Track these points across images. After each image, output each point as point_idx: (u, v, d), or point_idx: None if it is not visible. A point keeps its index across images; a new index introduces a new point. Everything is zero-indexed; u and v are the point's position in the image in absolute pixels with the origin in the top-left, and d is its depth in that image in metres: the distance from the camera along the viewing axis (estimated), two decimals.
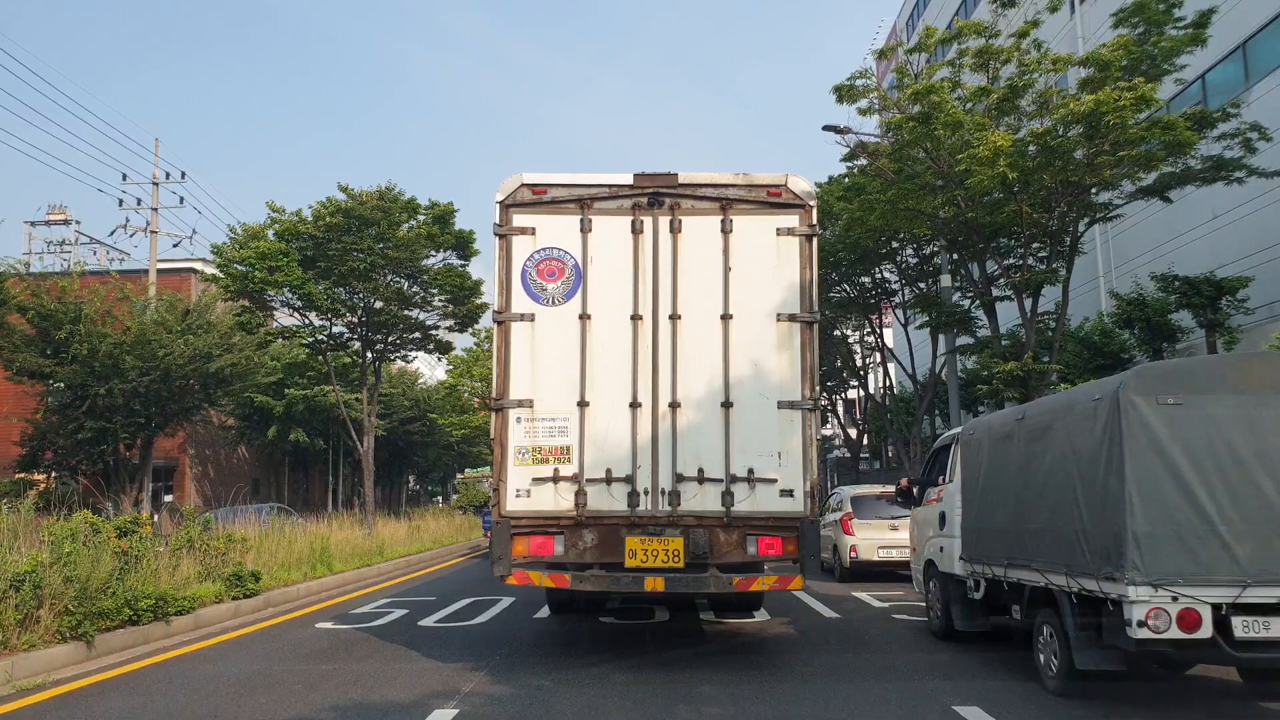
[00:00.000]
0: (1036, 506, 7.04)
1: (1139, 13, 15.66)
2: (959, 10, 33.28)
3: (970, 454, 8.59)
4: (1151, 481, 5.73)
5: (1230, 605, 5.60)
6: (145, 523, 12.11)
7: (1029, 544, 7.11)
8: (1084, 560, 6.20)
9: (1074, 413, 6.59)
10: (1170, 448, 5.76)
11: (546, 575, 7.86)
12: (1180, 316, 19.30)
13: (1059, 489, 6.67)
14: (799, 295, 7.90)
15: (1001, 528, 7.71)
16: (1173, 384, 5.90)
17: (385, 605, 12.51)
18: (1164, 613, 5.58)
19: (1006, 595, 7.86)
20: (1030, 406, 7.76)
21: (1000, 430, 7.95)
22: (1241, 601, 5.58)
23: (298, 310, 25.45)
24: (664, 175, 8.07)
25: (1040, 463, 7.03)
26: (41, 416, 24.43)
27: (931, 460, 10.37)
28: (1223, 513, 5.67)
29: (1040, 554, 6.89)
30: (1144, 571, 5.61)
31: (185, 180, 32.06)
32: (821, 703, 6.45)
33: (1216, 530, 5.65)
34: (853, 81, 17.73)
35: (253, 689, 7.20)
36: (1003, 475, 7.76)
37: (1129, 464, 5.77)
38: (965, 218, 17.51)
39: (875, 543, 14.65)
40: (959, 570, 8.63)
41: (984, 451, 8.23)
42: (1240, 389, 5.86)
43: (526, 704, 6.54)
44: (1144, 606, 5.59)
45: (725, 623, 10.25)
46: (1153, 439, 5.78)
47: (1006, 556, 7.52)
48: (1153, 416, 5.80)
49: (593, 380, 7.84)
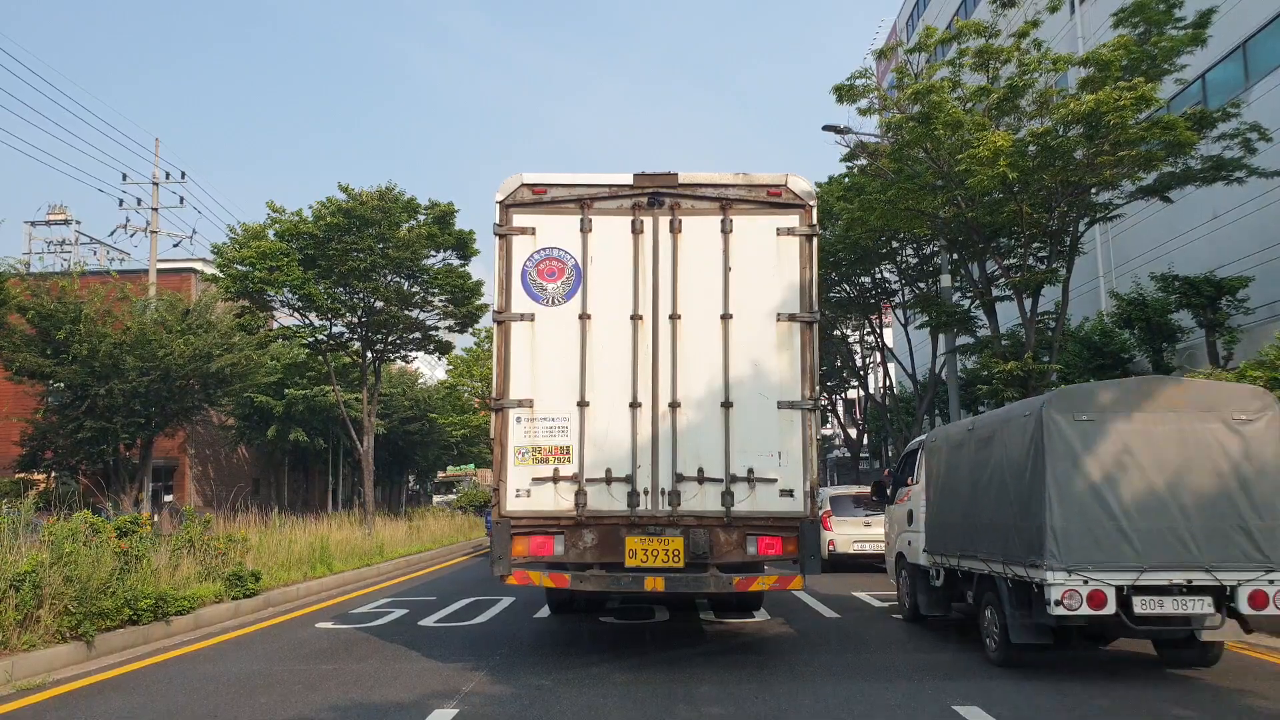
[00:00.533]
0: (982, 505, 8.15)
1: (1139, 13, 15.65)
2: (959, 10, 33.27)
3: (932, 458, 9.72)
4: (1067, 484, 6.90)
5: (1130, 587, 6.74)
6: (145, 523, 12.12)
7: (976, 537, 8.21)
8: (1016, 550, 7.35)
9: (1010, 425, 7.76)
10: (1083, 456, 6.94)
11: (546, 575, 7.86)
12: (1180, 316, 19.29)
13: (998, 490, 7.84)
14: (799, 295, 7.90)
15: (956, 523, 8.79)
16: (1086, 404, 7.14)
17: (385, 605, 12.51)
18: (1077, 593, 6.71)
19: (961, 582, 8.90)
20: (979, 419, 8.89)
21: (955, 438, 9.11)
22: (1139, 584, 6.74)
23: (298, 310, 25.45)
24: (664, 175, 8.07)
25: (985, 467, 8.16)
26: (41, 416, 24.43)
27: (903, 463, 11.43)
28: (1125, 510, 6.83)
29: (984, 546, 8.03)
30: (1060, 559, 6.76)
31: (185, 180, 32.06)
32: (821, 703, 6.46)
33: (1120, 525, 6.81)
34: (853, 81, 17.72)
35: (253, 689, 7.21)
36: (957, 477, 8.89)
37: (1049, 469, 6.95)
38: (965, 218, 17.51)
39: (850, 537, 15.97)
40: (923, 561, 9.69)
41: (943, 456, 9.40)
42: (1141, 408, 7.07)
43: (526, 704, 6.54)
44: (1060, 588, 6.72)
45: (725, 623, 10.25)
46: (1069, 449, 6.96)
47: (960, 549, 8.61)
48: (1069, 431, 6.99)
49: (593, 380, 7.84)
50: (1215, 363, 17.97)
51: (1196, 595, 6.76)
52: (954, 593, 9.23)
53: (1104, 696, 6.57)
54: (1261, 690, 6.70)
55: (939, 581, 9.41)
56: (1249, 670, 7.43)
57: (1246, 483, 6.88)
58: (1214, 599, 6.75)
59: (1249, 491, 6.87)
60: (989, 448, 8.15)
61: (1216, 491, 6.89)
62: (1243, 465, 6.91)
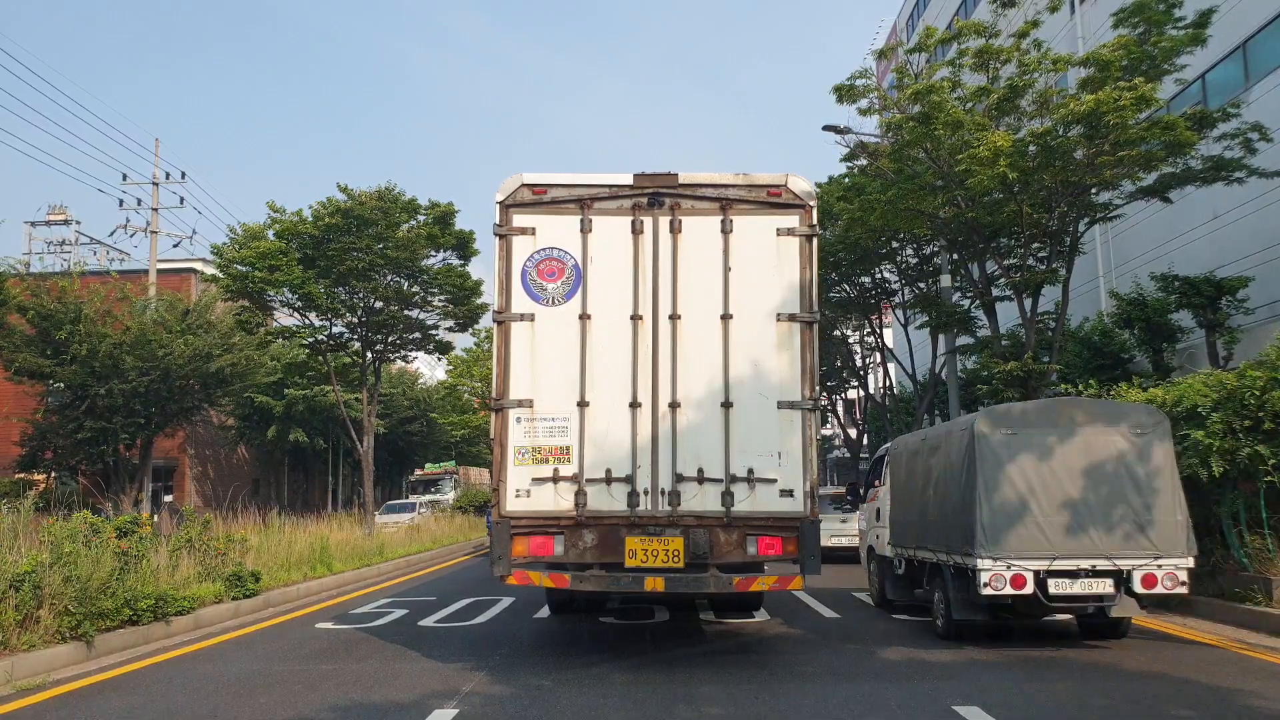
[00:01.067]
0: (931, 503, 9.50)
1: (1139, 13, 15.65)
2: (959, 10, 33.27)
3: (894, 464, 11.21)
4: (994, 487, 8.28)
5: (1045, 571, 8.10)
6: (145, 523, 12.11)
7: (928, 531, 9.53)
8: (955, 542, 8.62)
9: (951, 437, 9.21)
10: (1007, 464, 8.32)
11: (546, 575, 7.86)
12: (1180, 316, 19.29)
13: (943, 491, 9.19)
14: (799, 295, 7.90)
15: (913, 519, 10.12)
16: (1009, 420, 8.56)
17: (385, 605, 12.51)
18: (1001, 577, 8.07)
19: (917, 570, 10.16)
20: (930, 430, 10.60)
21: (912, 447, 10.60)
22: (1053, 569, 8.11)
23: (298, 310, 25.46)
24: (664, 175, 8.07)
25: (934, 472, 9.51)
26: (41, 416, 24.44)
27: (874, 466, 12.93)
28: (1041, 508, 8.19)
29: (933, 538, 9.32)
30: (988, 549, 8.12)
31: (185, 180, 32.09)
32: (821, 703, 6.45)
33: (1037, 520, 8.17)
34: (853, 81, 17.71)
35: (253, 689, 7.21)
36: (913, 480, 10.23)
37: (979, 474, 8.33)
38: (965, 218, 17.51)
39: (829, 532, 16.89)
40: (888, 552, 11.01)
41: (902, 462, 10.80)
42: (1055, 423, 8.45)
43: (526, 704, 6.53)
44: (988, 573, 8.09)
45: (725, 623, 10.25)
46: (995, 458, 8.36)
47: (916, 541, 9.93)
48: (996, 442, 8.42)
49: (593, 380, 7.83)
50: (1215, 363, 17.97)
51: (1100, 578, 8.11)
52: (914, 579, 10.41)
53: (1104, 696, 6.57)
54: (1261, 690, 6.70)
55: (901, 570, 10.65)
56: (1249, 670, 7.43)
57: (1140, 485, 8.21)
58: (1114, 581, 8.10)
59: (1142, 493, 8.20)
60: (936, 455, 9.53)
61: (1116, 492, 8.22)
62: (1137, 470, 8.24)
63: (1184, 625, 9.64)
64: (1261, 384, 9.87)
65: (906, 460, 10.63)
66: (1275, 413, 9.69)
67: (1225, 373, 10.81)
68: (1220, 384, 10.35)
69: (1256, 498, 9.93)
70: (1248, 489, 10.05)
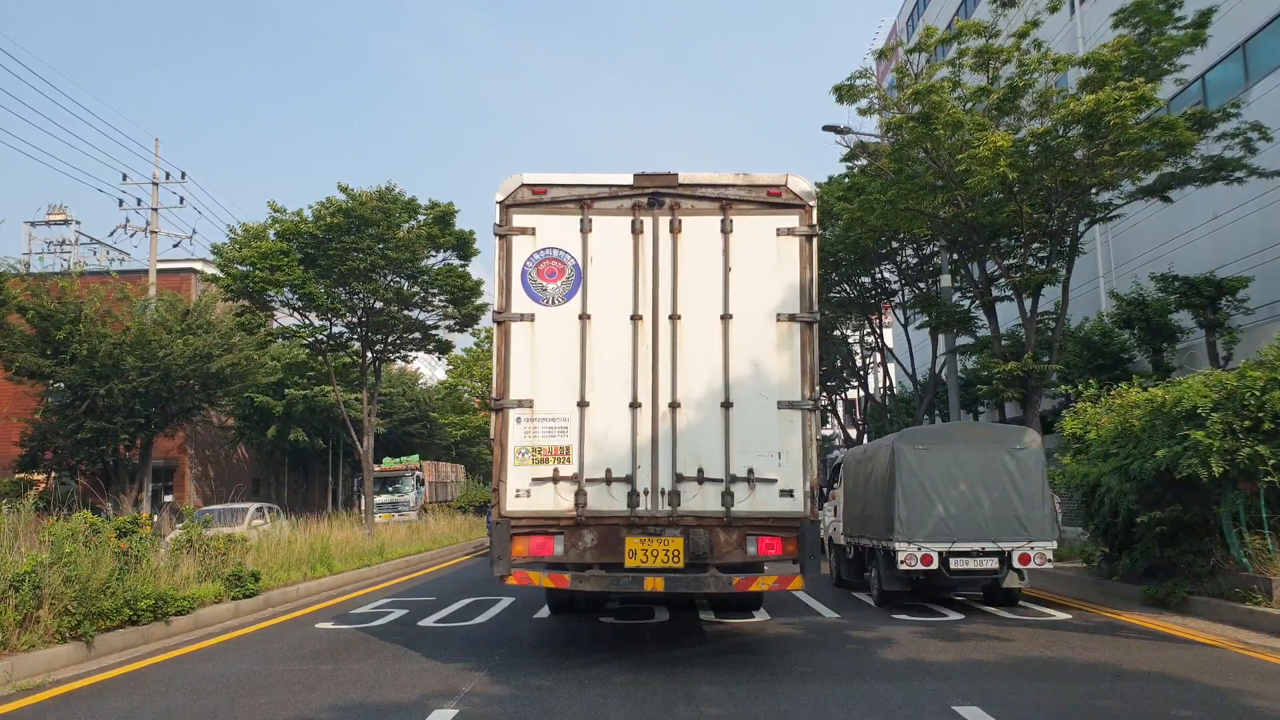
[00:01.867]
0: (868, 501, 12.03)
1: (1139, 13, 15.65)
2: (959, 10, 33.27)
3: (846, 470, 13.69)
4: (910, 489, 10.77)
5: (947, 552, 10.56)
6: (145, 523, 12.11)
7: (866, 524, 12.07)
8: (882, 531, 11.18)
9: (880, 451, 11.81)
10: (919, 472, 10.80)
11: (546, 575, 7.85)
12: (1180, 317, 19.29)
13: (875, 492, 11.66)
14: (799, 295, 7.90)
15: (858, 514, 12.62)
16: (922, 438, 11.24)
17: (385, 605, 12.51)
18: (914, 556, 10.54)
19: (861, 555, 12.63)
20: (869, 444, 13.53)
21: (858, 456, 13.15)
22: (953, 550, 10.58)
23: (298, 310, 25.46)
24: (664, 175, 8.06)
25: (870, 477, 12.00)
26: (41, 416, 24.43)
27: (834, 472, 15.46)
28: (944, 504, 10.68)
29: (869, 529, 11.87)
30: (904, 536, 10.62)
31: (185, 180, 32.10)
32: (821, 703, 6.45)
33: (940, 514, 10.66)
34: (853, 81, 17.71)
35: (252, 689, 7.20)
36: (858, 484, 12.65)
37: (898, 480, 10.82)
38: (965, 218, 17.51)
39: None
40: (842, 542, 13.47)
41: (851, 469, 13.33)
42: (955, 441, 11.13)
43: (526, 704, 6.53)
44: (904, 553, 10.56)
45: (725, 623, 10.25)
46: (910, 467, 10.83)
47: (859, 532, 12.44)
48: (911, 455, 10.90)
49: (593, 380, 7.83)
50: (1215, 363, 17.97)
51: (988, 557, 10.59)
52: (862, 563, 12.63)
53: (1104, 696, 6.57)
54: (1261, 690, 6.70)
55: (851, 555, 13.09)
56: (1249, 670, 7.44)
57: (1018, 488, 10.68)
58: (999, 560, 10.58)
59: (1020, 494, 10.67)
60: (872, 464, 12.02)
61: (1000, 494, 10.69)
62: (1017, 478, 10.71)
63: (1184, 625, 9.65)
64: (1261, 384, 9.86)
65: (854, 468, 13.11)
66: (1275, 413, 9.69)
67: (1225, 373, 10.82)
68: (1220, 384, 10.35)
69: (1256, 498, 9.93)
70: (1248, 489, 10.05)
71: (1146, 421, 11.19)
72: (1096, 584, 12.56)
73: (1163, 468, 10.39)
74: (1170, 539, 11.03)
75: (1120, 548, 12.17)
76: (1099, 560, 13.10)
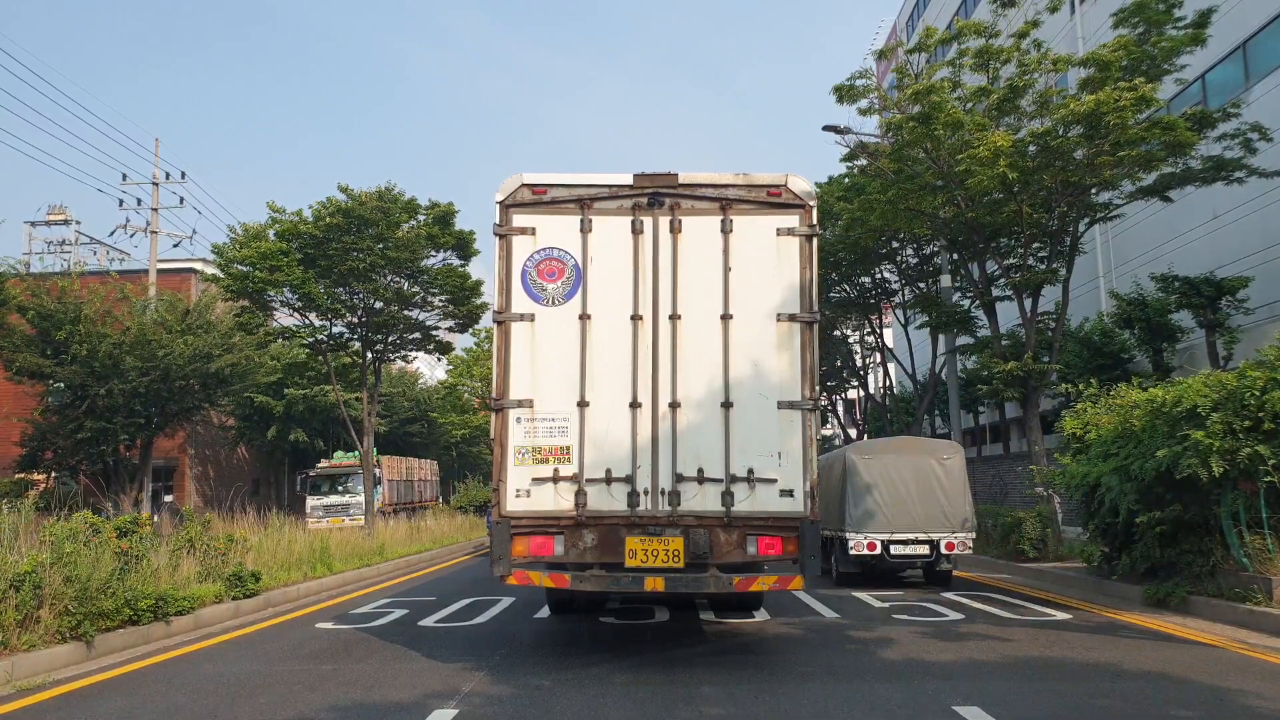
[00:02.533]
0: (830, 500, 14.10)
1: (1139, 13, 15.65)
2: (959, 10, 33.28)
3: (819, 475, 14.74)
4: (857, 490, 13.62)
5: (888, 540, 13.39)
6: (145, 523, 12.12)
7: (829, 518, 13.95)
8: (837, 524, 13.86)
9: (837, 459, 14.41)
10: (864, 476, 13.60)
11: (546, 575, 7.85)
12: (1180, 317, 19.31)
13: (834, 492, 14.13)
14: (799, 295, 7.90)
15: (826, 511, 13.86)
16: (867, 449, 14.28)
17: (385, 605, 12.51)
18: (862, 544, 13.43)
19: (825, 545, 14.08)
20: (832, 453, 15.71)
21: (826, 462, 14.83)
22: (892, 539, 13.39)
23: (298, 310, 25.43)
24: (664, 175, 8.06)
25: (832, 480, 14.30)
26: (41, 416, 24.42)
27: None
28: (886, 503, 13.49)
29: (831, 522, 14.04)
30: (853, 528, 13.51)
31: (185, 180, 32.08)
32: (821, 703, 6.45)
33: (882, 510, 13.46)
34: (853, 81, 17.72)
35: (253, 689, 7.21)
36: (827, 485, 14.38)
37: (849, 483, 13.70)
38: (965, 218, 17.51)
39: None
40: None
41: (822, 473, 15.22)
42: (895, 451, 13.97)
43: (526, 704, 6.54)
44: (854, 541, 13.46)
45: (725, 623, 10.25)
46: (857, 472, 13.64)
47: (825, 526, 13.81)
48: (859, 462, 13.75)
49: (593, 380, 7.83)
50: (1215, 363, 17.98)
51: (920, 544, 13.38)
52: (827, 552, 14.31)
53: (1104, 696, 6.57)
54: (1261, 690, 6.70)
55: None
56: (1249, 670, 7.44)
57: (944, 490, 13.52)
58: (929, 547, 13.36)
59: (945, 494, 13.51)
60: (832, 469, 14.46)
61: (930, 494, 13.52)
62: (944, 481, 13.56)
63: (1184, 625, 9.65)
64: (1261, 384, 9.86)
65: (823, 472, 14.80)
66: (1275, 413, 9.69)
67: (1225, 373, 10.81)
68: (1220, 384, 10.35)
69: (1256, 498, 9.93)
70: (1248, 489, 10.05)
71: (1146, 421, 11.18)
72: (1096, 584, 12.56)
73: (1163, 468, 10.38)
74: (1170, 539, 11.02)
75: (1120, 548, 12.17)
76: (1099, 560, 13.10)
